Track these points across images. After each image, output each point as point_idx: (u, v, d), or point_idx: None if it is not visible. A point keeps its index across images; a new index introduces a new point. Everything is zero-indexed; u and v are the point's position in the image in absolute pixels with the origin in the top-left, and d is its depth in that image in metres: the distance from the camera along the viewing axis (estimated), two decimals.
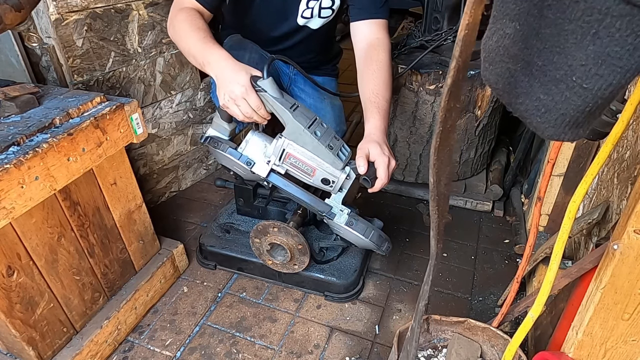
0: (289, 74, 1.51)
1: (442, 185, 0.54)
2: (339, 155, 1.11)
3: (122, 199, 1.21)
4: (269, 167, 1.14)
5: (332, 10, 1.37)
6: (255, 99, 1.06)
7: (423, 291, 0.76)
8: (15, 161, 0.85)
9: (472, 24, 0.38)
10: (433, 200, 0.57)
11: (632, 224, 0.59)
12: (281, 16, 1.36)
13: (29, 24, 1.32)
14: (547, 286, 0.71)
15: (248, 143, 1.16)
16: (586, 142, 1.20)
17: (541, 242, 1.31)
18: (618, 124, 0.64)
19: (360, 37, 1.30)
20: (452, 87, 0.43)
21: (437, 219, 0.61)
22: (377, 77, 1.22)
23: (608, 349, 0.71)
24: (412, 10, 2.80)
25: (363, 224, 1.16)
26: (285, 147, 1.10)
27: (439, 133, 0.47)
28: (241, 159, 1.15)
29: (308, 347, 1.25)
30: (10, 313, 0.95)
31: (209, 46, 1.10)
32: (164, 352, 1.24)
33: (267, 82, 1.05)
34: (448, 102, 0.44)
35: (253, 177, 1.20)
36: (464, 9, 0.38)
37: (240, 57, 1.35)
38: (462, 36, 0.39)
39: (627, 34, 0.34)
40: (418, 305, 0.79)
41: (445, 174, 0.53)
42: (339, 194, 1.17)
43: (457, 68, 0.41)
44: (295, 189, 1.17)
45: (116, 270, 1.24)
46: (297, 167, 1.12)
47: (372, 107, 1.19)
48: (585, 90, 0.38)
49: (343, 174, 1.12)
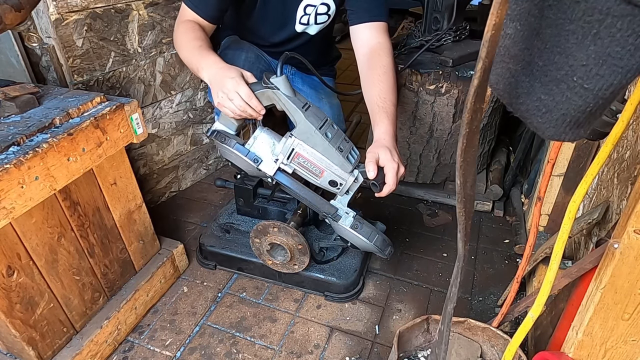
0: (287, 73, 1.52)
1: (469, 186, 0.54)
2: (349, 158, 1.10)
3: (122, 199, 1.21)
4: (276, 166, 1.12)
5: (328, 16, 1.37)
6: (245, 88, 1.04)
7: (451, 294, 0.75)
8: (15, 161, 0.85)
9: (498, 24, 0.38)
10: (460, 202, 0.57)
11: (632, 224, 0.59)
12: (280, 23, 1.37)
13: (29, 24, 1.31)
14: (547, 286, 0.71)
15: (256, 140, 1.13)
16: (586, 142, 1.20)
17: (541, 242, 1.31)
18: (618, 124, 0.64)
19: (362, 42, 1.29)
20: (479, 89, 0.43)
21: (465, 221, 0.60)
22: (382, 81, 1.22)
23: (608, 349, 0.71)
24: (412, 10, 2.80)
25: (368, 227, 1.15)
26: (295, 146, 1.08)
27: (466, 134, 0.47)
28: (248, 156, 1.12)
29: (308, 347, 1.25)
30: (10, 313, 0.95)
31: (203, 53, 1.13)
32: (164, 352, 1.24)
33: (280, 80, 1.03)
34: (474, 104, 0.44)
35: (258, 173, 1.17)
36: (491, 10, 0.38)
37: (237, 56, 1.35)
38: (488, 37, 0.39)
39: (628, 34, 0.34)
40: (446, 309, 0.78)
41: (471, 175, 0.53)
42: (345, 196, 1.16)
43: (484, 69, 0.41)
44: (302, 189, 1.15)
45: (116, 270, 1.24)
46: (306, 167, 1.10)
47: (381, 112, 1.19)
48: (586, 91, 0.38)
49: (351, 177, 1.10)
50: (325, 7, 1.33)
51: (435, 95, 1.58)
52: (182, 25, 1.21)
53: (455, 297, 0.74)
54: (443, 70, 1.53)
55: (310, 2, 1.31)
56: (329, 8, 1.34)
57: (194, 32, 1.18)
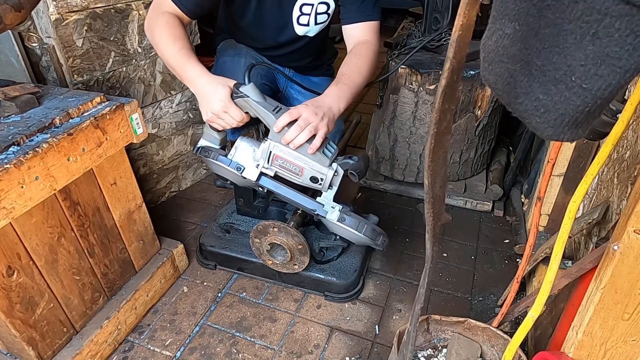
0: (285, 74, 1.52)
1: (437, 187, 0.54)
2: (325, 152, 1.13)
3: (122, 199, 1.21)
4: (258, 171, 1.17)
5: (328, 15, 1.37)
6: (235, 110, 1.10)
7: (419, 294, 0.76)
8: (15, 161, 0.85)
9: (466, 25, 0.38)
10: (428, 203, 0.57)
11: (632, 224, 0.59)
12: (277, 24, 1.36)
13: (29, 24, 1.32)
14: (547, 286, 0.71)
15: (237, 149, 1.20)
16: (586, 142, 1.20)
17: (541, 242, 1.31)
18: (618, 124, 0.64)
19: (351, 40, 1.32)
20: (447, 89, 0.43)
21: (433, 222, 0.60)
22: (351, 63, 1.24)
23: (608, 349, 0.71)
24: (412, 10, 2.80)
25: (355, 219, 1.17)
26: (272, 149, 1.13)
27: (434, 135, 0.47)
28: (231, 165, 1.18)
29: (308, 347, 1.25)
30: (10, 313, 0.95)
31: (186, 61, 1.12)
32: (164, 352, 1.24)
33: (248, 88, 1.09)
34: (442, 104, 0.44)
35: (245, 182, 1.23)
36: (459, 10, 0.38)
37: (236, 62, 1.35)
38: (456, 37, 0.39)
39: (627, 34, 0.34)
40: (414, 308, 0.78)
41: (440, 175, 0.53)
42: (329, 192, 1.19)
43: (451, 69, 0.41)
44: (285, 190, 1.20)
45: (116, 270, 1.24)
46: (285, 167, 1.15)
47: (332, 83, 1.21)
48: (585, 91, 0.38)
49: (330, 171, 1.13)
50: (325, 6, 1.33)
51: (435, 95, 1.57)
52: (162, 18, 1.15)
53: (422, 297, 0.75)
54: None
55: (306, 1, 1.31)
56: (328, 7, 1.33)
57: (175, 30, 1.14)
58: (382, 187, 1.90)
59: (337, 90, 1.18)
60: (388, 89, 1.68)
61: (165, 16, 1.16)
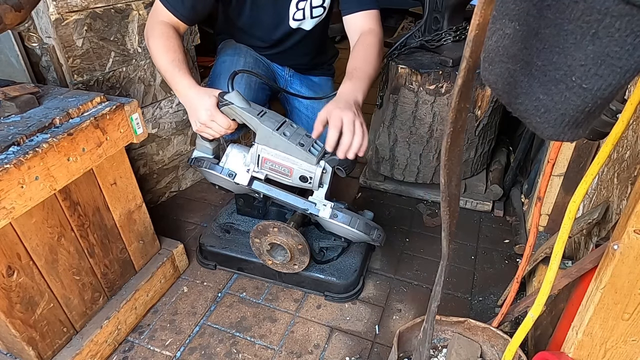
0: (285, 76, 1.52)
1: (453, 185, 0.54)
2: (311, 151, 1.14)
3: (122, 199, 1.21)
4: (249, 175, 1.20)
5: (324, 8, 1.36)
6: (222, 118, 1.12)
7: (435, 292, 0.76)
8: (15, 161, 0.85)
9: (482, 24, 0.38)
10: (444, 201, 0.57)
11: (632, 224, 0.59)
12: (273, 22, 1.36)
13: (29, 24, 1.32)
14: (547, 286, 0.71)
15: (228, 156, 1.23)
16: (586, 142, 1.20)
17: (541, 242, 1.31)
18: (618, 124, 0.64)
19: (354, 30, 1.32)
20: (463, 87, 0.43)
21: (449, 220, 0.60)
22: (359, 56, 1.24)
23: (608, 349, 0.71)
24: (412, 10, 2.80)
25: (347, 214, 1.18)
26: (260, 152, 1.16)
27: (450, 133, 0.47)
28: (223, 172, 1.21)
29: (308, 347, 1.25)
30: (10, 313, 0.95)
31: (177, 73, 1.14)
32: (164, 352, 1.24)
33: (233, 95, 1.11)
34: (459, 103, 0.44)
35: (239, 189, 1.26)
36: (475, 10, 0.38)
37: (236, 62, 1.36)
38: (472, 36, 0.39)
39: (627, 34, 0.34)
40: (430, 307, 0.78)
41: (456, 174, 0.53)
42: (320, 190, 1.20)
43: (468, 68, 0.42)
44: (277, 192, 1.23)
45: (116, 270, 1.24)
46: (275, 169, 1.17)
47: (346, 78, 1.20)
48: (585, 91, 0.38)
49: (319, 169, 1.14)
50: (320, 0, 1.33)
51: (435, 95, 1.57)
52: (158, 27, 1.17)
53: (439, 295, 0.75)
54: (443, 70, 1.53)
55: None
56: (323, 0, 1.34)
57: (169, 41, 1.15)
58: (382, 187, 1.90)
59: (352, 85, 1.18)
60: (388, 89, 1.68)
61: (160, 26, 1.17)
